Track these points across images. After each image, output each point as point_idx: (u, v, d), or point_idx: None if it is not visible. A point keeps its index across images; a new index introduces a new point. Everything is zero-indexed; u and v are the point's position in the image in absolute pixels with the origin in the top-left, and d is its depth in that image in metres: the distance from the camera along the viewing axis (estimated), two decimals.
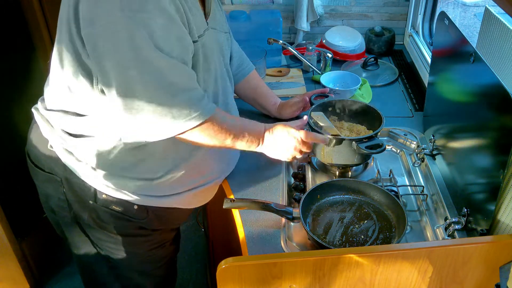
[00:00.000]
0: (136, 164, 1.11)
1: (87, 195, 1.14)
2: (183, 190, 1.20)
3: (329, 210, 1.19)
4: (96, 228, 1.19)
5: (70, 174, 1.13)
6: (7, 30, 1.89)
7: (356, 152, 1.26)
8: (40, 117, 1.16)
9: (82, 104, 1.07)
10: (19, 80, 1.97)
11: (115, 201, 1.14)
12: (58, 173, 1.15)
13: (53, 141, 1.14)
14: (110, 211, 1.15)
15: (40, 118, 1.16)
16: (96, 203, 1.14)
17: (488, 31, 1.22)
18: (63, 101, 1.10)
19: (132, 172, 1.12)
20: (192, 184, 1.20)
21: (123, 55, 0.92)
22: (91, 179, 1.12)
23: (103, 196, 1.14)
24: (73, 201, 1.16)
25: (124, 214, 1.16)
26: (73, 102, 1.08)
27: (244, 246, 1.10)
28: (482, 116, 1.03)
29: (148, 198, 1.16)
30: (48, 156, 1.15)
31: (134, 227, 1.20)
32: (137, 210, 1.16)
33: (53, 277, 2.13)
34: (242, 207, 1.13)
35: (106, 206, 1.15)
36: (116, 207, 1.15)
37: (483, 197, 1.03)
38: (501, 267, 0.96)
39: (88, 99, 1.05)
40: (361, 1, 2.05)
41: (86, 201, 1.15)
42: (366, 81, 1.72)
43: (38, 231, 2.02)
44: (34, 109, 1.20)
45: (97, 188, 1.13)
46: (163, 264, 1.35)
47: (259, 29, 1.89)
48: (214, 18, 1.16)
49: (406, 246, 1.00)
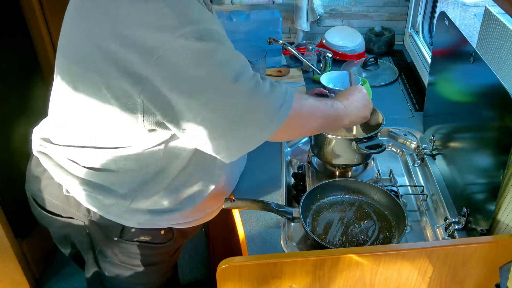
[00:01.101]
0: (173, 196, 1.07)
1: (113, 233, 1.09)
2: (211, 210, 1.19)
3: (329, 210, 1.19)
4: (115, 263, 1.15)
5: (94, 216, 1.08)
6: (7, 30, 1.89)
7: (356, 152, 1.26)
8: (50, 162, 1.07)
9: (114, 139, 0.99)
10: (19, 80, 1.97)
11: (143, 232, 1.11)
12: (80, 217, 1.09)
13: (71, 185, 1.06)
14: (137, 242, 1.12)
15: (50, 164, 1.07)
16: (122, 238, 1.10)
17: (488, 31, 1.22)
18: (82, 136, 1.01)
19: (168, 205, 1.08)
20: (221, 203, 1.18)
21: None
22: (120, 218, 1.07)
23: (132, 231, 1.10)
24: (97, 240, 1.12)
25: (151, 242, 1.13)
26: (101, 138, 0.99)
27: (244, 246, 1.10)
28: (482, 116, 1.03)
29: (178, 224, 1.14)
30: (66, 202, 1.08)
31: (157, 253, 1.18)
32: (164, 234, 1.14)
33: (53, 277, 2.13)
34: (242, 207, 1.13)
35: (132, 239, 1.11)
36: (144, 237, 1.11)
37: (483, 197, 1.03)
38: (501, 267, 0.96)
39: (126, 133, 0.96)
40: (361, 1, 2.05)
41: (111, 238, 1.10)
42: (366, 81, 1.71)
43: (38, 231, 2.02)
44: (39, 154, 1.10)
45: (127, 225, 1.08)
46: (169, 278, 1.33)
47: (259, 29, 1.89)
48: None
49: (406, 246, 0.99)
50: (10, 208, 1.83)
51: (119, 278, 1.18)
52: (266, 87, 0.91)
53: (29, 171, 1.15)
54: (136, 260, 1.15)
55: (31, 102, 1.97)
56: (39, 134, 1.12)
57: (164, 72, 0.83)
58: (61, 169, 1.06)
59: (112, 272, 1.17)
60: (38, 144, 1.10)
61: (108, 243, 1.12)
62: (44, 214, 1.13)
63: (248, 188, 1.26)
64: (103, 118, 0.94)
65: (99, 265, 1.17)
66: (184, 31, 0.82)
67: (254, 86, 0.89)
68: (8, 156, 1.89)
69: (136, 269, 1.17)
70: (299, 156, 1.43)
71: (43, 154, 1.09)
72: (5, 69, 1.88)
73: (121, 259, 1.14)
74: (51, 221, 1.13)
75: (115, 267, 1.16)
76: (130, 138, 0.97)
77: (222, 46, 0.86)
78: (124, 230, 1.09)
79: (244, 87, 0.87)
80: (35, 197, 1.14)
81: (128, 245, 1.12)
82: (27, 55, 2.04)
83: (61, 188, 1.08)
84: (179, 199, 1.08)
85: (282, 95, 0.93)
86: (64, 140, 1.05)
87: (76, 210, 1.08)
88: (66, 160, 1.05)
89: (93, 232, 1.11)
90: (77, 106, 0.96)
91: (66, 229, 1.13)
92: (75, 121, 1.00)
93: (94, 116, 0.95)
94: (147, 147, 0.99)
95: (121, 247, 1.12)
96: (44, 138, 1.10)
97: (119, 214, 1.07)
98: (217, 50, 0.85)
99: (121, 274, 1.17)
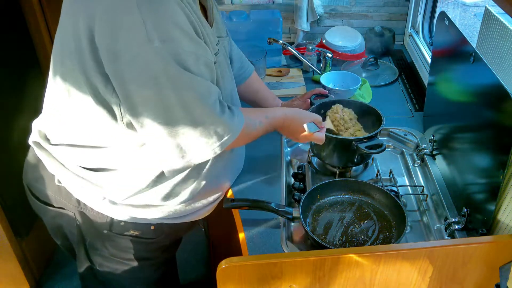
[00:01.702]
0: (162, 193, 1.09)
1: (102, 225, 1.11)
2: (203, 206, 1.19)
3: (329, 210, 1.19)
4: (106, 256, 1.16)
5: (84, 207, 1.10)
6: (7, 30, 1.89)
7: (356, 152, 1.26)
8: (44, 153, 1.10)
9: (101, 138, 1.02)
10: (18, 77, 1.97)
11: (132, 226, 1.12)
12: (70, 208, 1.11)
13: (63, 176, 1.08)
14: (127, 236, 1.13)
15: (44, 155, 1.10)
16: (111, 232, 1.12)
17: (488, 31, 1.22)
18: (74, 135, 1.04)
19: (157, 201, 1.09)
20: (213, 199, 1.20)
21: (160, 87, 0.88)
22: (110, 211, 1.09)
23: (121, 224, 1.11)
24: (87, 232, 1.13)
25: (140, 237, 1.14)
26: (89, 136, 1.03)
27: (244, 246, 1.10)
28: (482, 116, 1.03)
29: (168, 219, 1.15)
30: (58, 192, 1.11)
31: (147, 248, 1.18)
32: (154, 230, 1.15)
33: (53, 277, 2.13)
34: (242, 207, 1.13)
35: (122, 233, 1.12)
36: (134, 232, 1.13)
37: (483, 197, 1.03)
38: (501, 267, 0.96)
39: (109, 132, 1.00)
40: (361, 1, 2.05)
41: (100, 230, 1.12)
42: (366, 81, 1.72)
43: (38, 231, 2.02)
44: (34, 144, 1.13)
45: (115, 218, 1.10)
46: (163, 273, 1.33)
47: (259, 29, 1.89)
48: (217, 25, 1.12)
49: (406, 246, 0.99)
50: (10, 208, 1.83)
51: (111, 272, 1.19)
52: (217, 111, 0.95)
53: (26, 161, 1.18)
54: (127, 254, 1.16)
55: (30, 99, 1.97)
56: (37, 126, 1.14)
57: (119, 78, 0.88)
58: (53, 160, 1.09)
59: (104, 265, 1.19)
60: (35, 135, 1.13)
61: (98, 235, 1.13)
62: (38, 204, 1.16)
63: (248, 188, 1.26)
64: (86, 115, 0.98)
65: (90, 258, 1.18)
66: (153, 46, 0.84)
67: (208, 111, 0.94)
68: (7, 156, 1.88)
69: (127, 263, 1.18)
70: (299, 156, 1.43)
71: (38, 145, 1.11)
72: (4, 66, 1.88)
73: (112, 253, 1.16)
74: (45, 211, 1.16)
75: (106, 260, 1.17)
76: (114, 136, 1.00)
77: (184, 74, 0.89)
78: (113, 223, 1.11)
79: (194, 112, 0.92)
80: (30, 186, 1.17)
81: (118, 238, 1.13)
82: (26, 53, 2.04)
83: (54, 179, 1.10)
84: (168, 195, 1.10)
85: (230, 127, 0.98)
86: (56, 136, 1.08)
87: (67, 200, 1.11)
88: (59, 154, 1.08)
89: (83, 224, 1.12)
90: (67, 102, 1.00)
91: (58, 220, 1.16)
92: (65, 117, 1.04)
93: (80, 113, 0.99)
94: (132, 146, 1.01)
95: (111, 240, 1.14)
96: (39, 131, 1.12)
97: (109, 207, 1.09)
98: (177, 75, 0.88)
99: (113, 267, 1.19)
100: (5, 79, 1.88)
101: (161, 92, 0.88)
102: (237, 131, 1.00)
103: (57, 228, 1.20)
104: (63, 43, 0.96)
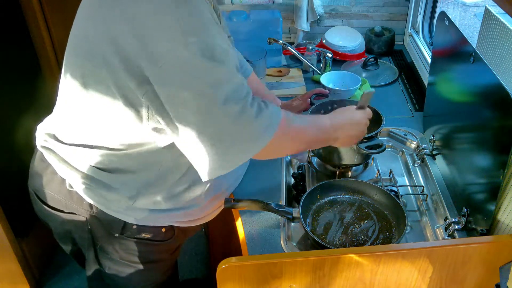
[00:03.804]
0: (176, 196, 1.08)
1: (115, 229, 1.10)
2: (214, 209, 1.19)
3: (329, 210, 1.19)
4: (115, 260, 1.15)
5: (97, 211, 1.08)
6: (7, 30, 1.89)
7: (356, 152, 1.26)
8: (55, 157, 1.07)
9: (122, 139, 0.99)
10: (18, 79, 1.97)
11: (144, 229, 1.11)
12: (82, 212, 1.09)
13: (75, 180, 1.06)
14: (138, 239, 1.12)
15: (54, 159, 1.07)
16: (123, 235, 1.11)
17: (488, 31, 1.22)
18: (92, 136, 1.02)
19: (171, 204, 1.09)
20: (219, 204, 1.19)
21: (199, 84, 0.85)
22: (123, 214, 1.08)
23: (133, 227, 1.10)
24: (98, 236, 1.12)
25: (152, 240, 1.13)
26: (109, 137, 1.00)
27: (244, 246, 1.10)
28: (482, 116, 1.03)
29: (180, 222, 1.15)
30: (69, 197, 1.08)
31: (157, 251, 1.18)
32: (165, 232, 1.14)
33: (53, 277, 2.13)
34: (242, 207, 1.13)
35: (133, 236, 1.11)
36: (146, 234, 1.12)
37: (483, 197, 1.03)
38: (501, 267, 0.96)
39: (131, 134, 0.97)
40: (361, 1, 2.05)
41: (112, 234, 1.11)
42: (366, 81, 1.72)
43: (38, 231, 2.02)
44: (43, 149, 1.10)
45: (128, 221, 1.09)
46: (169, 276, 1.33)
47: (259, 29, 1.89)
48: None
49: (406, 246, 1.00)
50: (10, 208, 1.83)
51: (120, 275, 1.18)
52: (253, 111, 0.91)
53: (32, 167, 1.16)
54: (136, 257, 1.15)
55: (30, 99, 1.97)
56: (44, 129, 1.12)
57: (162, 80, 0.85)
58: (65, 164, 1.06)
59: (113, 269, 1.17)
60: (43, 139, 1.11)
61: (109, 239, 1.12)
62: (46, 209, 1.13)
63: (248, 188, 1.26)
64: (110, 116, 0.96)
65: (100, 261, 1.17)
66: (188, 42, 0.83)
67: (240, 110, 0.88)
68: (7, 156, 1.89)
69: (136, 266, 1.17)
70: (299, 156, 1.43)
71: (47, 149, 1.09)
72: (5, 67, 1.88)
73: (122, 256, 1.15)
74: (53, 216, 1.13)
75: (116, 263, 1.16)
76: (136, 139, 0.98)
77: (220, 65, 0.87)
78: (126, 227, 1.10)
79: (231, 111, 0.87)
80: (37, 192, 1.14)
81: (129, 241, 1.12)
82: (27, 54, 2.04)
83: (64, 183, 1.08)
84: (181, 199, 1.09)
85: (267, 119, 0.93)
86: (70, 138, 1.05)
87: (79, 205, 1.08)
88: (71, 156, 1.06)
89: (94, 228, 1.11)
90: (85, 104, 0.98)
91: (67, 225, 1.14)
92: (83, 119, 1.01)
93: (102, 114, 0.97)
94: (152, 149, 0.99)
95: (122, 243, 1.12)
96: (49, 134, 1.10)
97: (121, 210, 1.07)
98: (213, 68, 0.86)
99: (121, 271, 1.18)
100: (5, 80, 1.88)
101: (201, 91, 0.86)
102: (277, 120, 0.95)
103: (65, 233, 1.18)
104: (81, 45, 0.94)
